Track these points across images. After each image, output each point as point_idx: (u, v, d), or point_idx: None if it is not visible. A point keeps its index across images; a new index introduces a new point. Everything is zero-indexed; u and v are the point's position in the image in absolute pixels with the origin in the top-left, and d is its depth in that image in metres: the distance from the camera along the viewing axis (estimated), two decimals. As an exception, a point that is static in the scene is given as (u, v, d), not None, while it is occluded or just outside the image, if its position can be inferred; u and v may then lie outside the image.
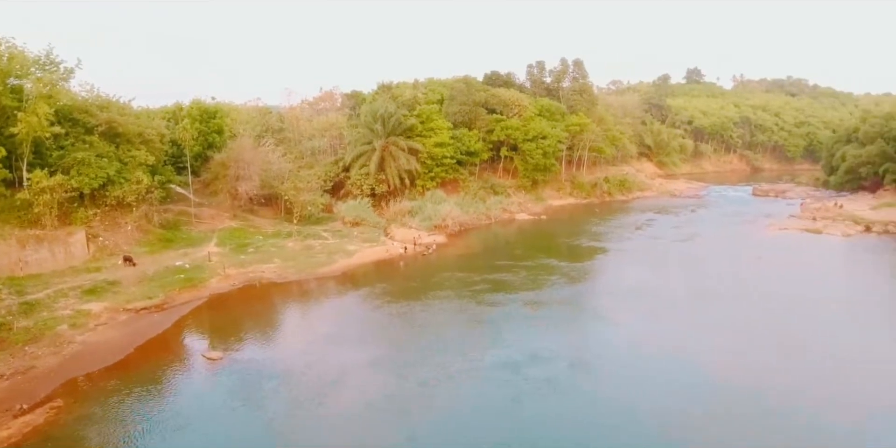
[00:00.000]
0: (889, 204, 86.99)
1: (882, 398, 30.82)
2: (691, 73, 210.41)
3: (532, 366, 34.29)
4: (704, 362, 34.86)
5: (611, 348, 37.38)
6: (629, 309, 44.86)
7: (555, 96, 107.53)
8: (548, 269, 55.13)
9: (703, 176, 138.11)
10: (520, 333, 39.57)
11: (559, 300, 47.05)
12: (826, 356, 36.13)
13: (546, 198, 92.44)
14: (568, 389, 31.55)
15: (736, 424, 27.69)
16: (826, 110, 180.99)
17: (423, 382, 32.07)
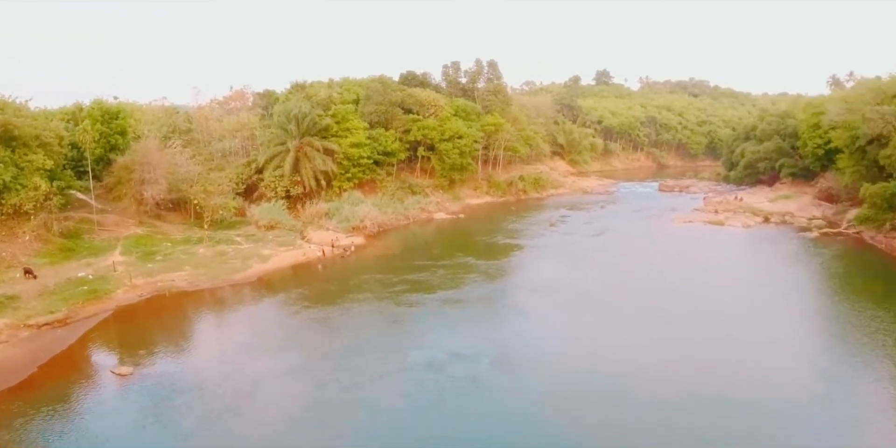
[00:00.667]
0: (785, 196, 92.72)
1: (765, 377, 33.04)
2: (601, 75, 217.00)
3: (455, 365, 34.56)
4: (618, 352, 36.15)
5: (530, 343, 38.09)
6: (546, 303, 46.23)
7: (470, 96, 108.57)
8: (466, 268, 55.73)
9: (613, 173, 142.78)
10: (441, 333, 39.88)
11: (478, 298, 47.64)
12: (732, 341, 38.27)
13: (463, 197, 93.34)
14: (491, 387, 31.96)
15: (647, 414, 28.72)
16: (726, 110, 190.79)
17: (344, 388, 31.71)
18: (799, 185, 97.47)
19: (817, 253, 62.69)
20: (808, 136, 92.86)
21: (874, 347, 37.44)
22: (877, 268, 58.49)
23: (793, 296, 50.10)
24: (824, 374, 33.90)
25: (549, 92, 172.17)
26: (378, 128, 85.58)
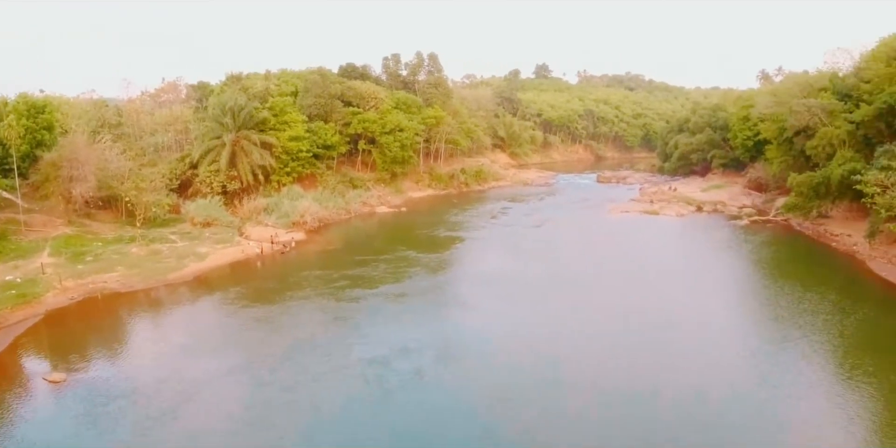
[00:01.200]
0: (717, 186, 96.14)
1: (702, 358, 34.71)
2: (540, 69, 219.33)
3: (399, 359, 34.42)
4: (559, 341, 36.86)
5: (474, 335, 38.32)
6: (489, 295, 46.60)
7: (411, 89, 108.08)
8: (409, 261, 55.61)
9: (553, 165, 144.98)
10: (384, 328, 39.64)
11: (421, 291, 47.63)
12: (671, 325, 39.80)
13: (405, 190, 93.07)
14: (436, 381, 32.01)
15: (589, 401, 29.27)
16: (660, 103, 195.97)
17: (286, 388, 31.12)
18: (730, 175, 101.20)
19: (748, 240, 65.39)
20: (738, 129, 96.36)
21: (801, 326, 39.66)
22: (803, 253, 61.54)
23: (726, 281, 52.46)
24: (756, 353, 35.68)
25: (489, 85, 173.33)
26: (317, 121, 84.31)
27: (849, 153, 62.67)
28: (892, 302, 45.14)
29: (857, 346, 36.86)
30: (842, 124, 65.18)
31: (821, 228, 66.15)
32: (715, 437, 26.58)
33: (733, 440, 26.37)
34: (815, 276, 52.75)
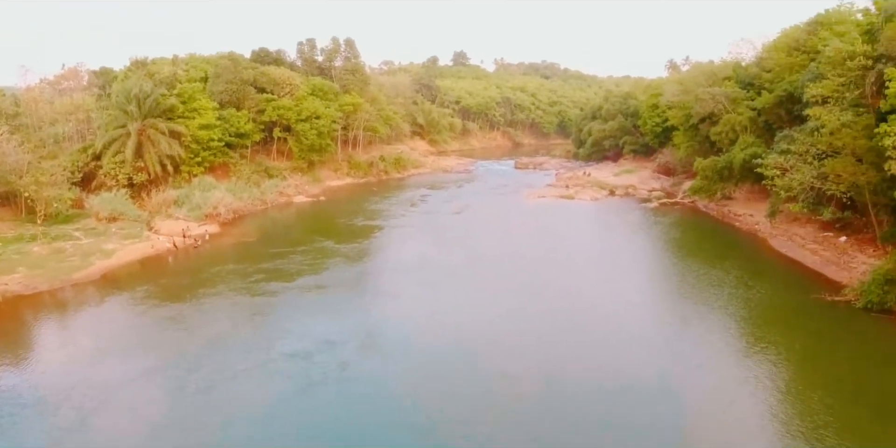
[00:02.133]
0: (628, 171, 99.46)
1: (620, 333, 36.46)
2: (458, 56, 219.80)
3: (322, 352, 33.91)
4: (480, 325, 37.27)
5: (397, 324, 38.23)
6: (410, 283, 46.56)
7: (327, 75, 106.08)
8: (328, 252, 54.85)
9: (472, 152, 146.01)
10: (305, 321, 38.96)
11: (342, 282, 47.09)
12: (589, 304, 41.83)
13: (324, 179, 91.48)
14: (361, 372, 31.61)
15: (512, 385, 29.60)
16: (575, 91, 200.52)
17: (205, 388, 30.08)
18: (640, 160, 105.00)
19: (657, 221, 68.43)
20: (647, 116, 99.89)
21: (708, 301, 42.35)
22: (709, 232, 65.01)
23: (639, 261, 54.87)
24: (668, 328, 38.03)
25: (407, 72, 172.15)
26: (229, 108, 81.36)
27: (750, 138, 65.86)
28: (791, 276, 48.21)
29: (761, 317, 39.49)
30: (744, 111, 68.42)
31: (725, 209, 69.73)
32: (631, 405, 28.05)
33: (650, 407, 27.91)
34: (721, 253, 55.96)
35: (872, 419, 26.87)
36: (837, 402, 28.20)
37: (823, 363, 33.30)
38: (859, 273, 43.28)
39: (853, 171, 44.77)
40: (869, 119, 44.77)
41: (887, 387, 29.55)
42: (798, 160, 51.15)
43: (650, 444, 25.30)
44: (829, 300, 40.47)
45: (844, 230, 51.73)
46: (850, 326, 37.12)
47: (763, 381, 30.35)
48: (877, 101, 44.41)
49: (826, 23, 63.20)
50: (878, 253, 45.80)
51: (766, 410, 27.72)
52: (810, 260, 49.97)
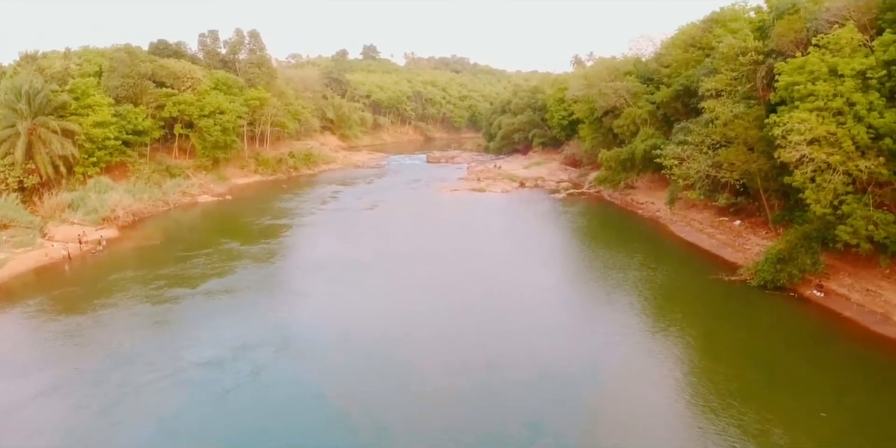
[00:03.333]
0: (537, 163, 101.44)
1: (533, 316, 37.55)
2: (368, 50, 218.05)
3: (235, 360, 32.25)
4: (397, 322, 36.76)
5: (313, 325, 37.23)
6: (323, 281, 45.48)
7: (231, 69, 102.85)
8: (236, 253, 52.91)
9: (384, 147, 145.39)
10: (214, 327, 37.08)
11: (252, 284, 45.28)
12: (504, 293, 42.41)
13: (230, 177, 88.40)
14: (278, 379, 30.35)
15: (431, 380, 29.40)
16: (485, 85, 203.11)
17: (109, 405, 27.86)
18: (549, 152, 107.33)
19: (566, 211, 70.44)
20: (554, 109, 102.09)
21: (615, 283, 44.40)
22: (615, 220, 67.47)
23: (549, 249, 56.38)
24: (578, 310, 40.18)
25: (316, 65, 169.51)
26: (126, 104, 77.32)
27: (650, 130, 68.43)
28: (690, 258, 50.81)
29: (664, 298, 41.66)
30: (644, 105, 71.02)
31: (628, 198, 72.41)
32: (549, 387, 28.93)
33: (567, 380, 29.59)
34: (625, 240, 58.41)
35: (769, 386, 28.97)
36: (738, 372, 30.37)
37: (724, 338, 35.44)
38: (753, 254, 45.90)
39: (745, 160, 47.28)
40: (759, 111, 47.39)
41: (781, 357, 32.11)
42: (694, 150, 53.80)
43: (566, 419, 26.26)
44: (727, 280, 42.96)
45: (739, 214, 54.58)
46: (746, 304, 39.48)
47: (669, 355, 32.25)
48: (767, 93, 47.02)
49: (720, 20, 66.39)
50: (770, 235, 48.58)
51: (675, 382, 29.43)
52: (708, 243, 52.71)
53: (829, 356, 32.47)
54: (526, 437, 25.10)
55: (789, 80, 40.87)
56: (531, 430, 25.52)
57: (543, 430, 25.52)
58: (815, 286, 39.50)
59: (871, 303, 36.58)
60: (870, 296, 37.14)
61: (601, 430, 25.81)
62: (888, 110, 36.55)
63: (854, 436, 24.93)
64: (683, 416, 26.68)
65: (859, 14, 41.37)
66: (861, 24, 40.91)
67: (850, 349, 32.98)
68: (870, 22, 41.23)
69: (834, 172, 37.56)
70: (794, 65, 41.14)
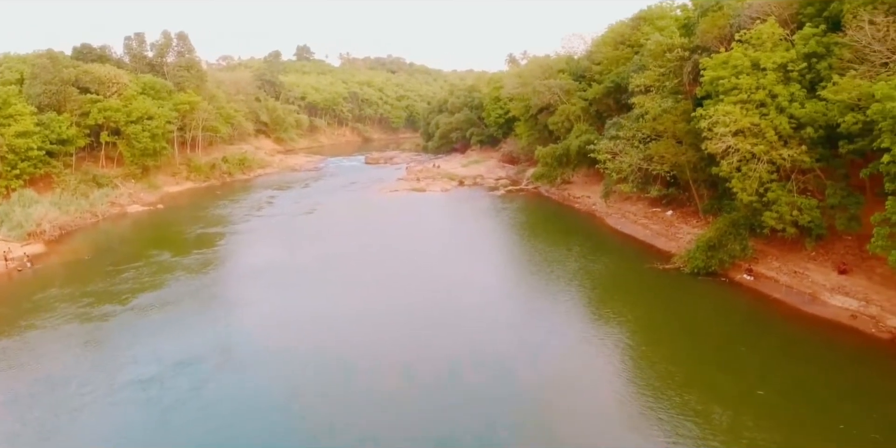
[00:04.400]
0: (476, 161, 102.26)
1: (476, 309, 38.59)
2: (301, 51, 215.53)
3: (174, 376, 30.85)
4: (340, 327, 36.49)
5: (254, 335, 36.21)
6: (262, 289, 44.26)
7: (159, 72, 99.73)
8: (170, 265, 50.84)
9: (321, 149, 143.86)
10: (150, 343, 35.22)
11: (187, 296, 43.58)
12: (448, 289, 42.90)
13: (161, 185, 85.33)
14: (222, 394, 29.14)
15: (377, 381, 29.20)
16: (421, 85, 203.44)
17: (43, 434, 26.19)
18: (486, 150, 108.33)
19: (505, 207, 71.32)
20: (491, 108, 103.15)
21: (555, 275, 45.52)
22: (553, 214, 68.76)
23: (490, 245, 57.30)
24: (521, 301, 41.09)
25: (248, 67, 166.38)
26: (49, 112, 73.89)
27: (584, 126, 69.87)
28: (626, 249, 52.38)
29: (603, 287, 43.26)
30: (577, 102, 72.46)
31: (565, 193, 73.86)
32: (497, 377, 29.56)
33: (514, 373, 30.34)
34: (564, 233, 59.70)
35: (707, 367, 30.57)
36: (677, 355, 31.97)
37: (662, 323, 36.71)
38: (685, 242, 47.50)
39: (675, 152, 48.81)
40: (687, 105, 48.94)
41: (716, 339, 33.93)
42: (626, 144, 55.24)
43: (511, 408, 26.85)
44: (662, 268, 44.52)
45: (670, 205, 56.36)
46: (681, 290, 41.11)
47: (611, 342, 33.39)
48: (693, 88, 48.59)
49: (648, 18, 68.48)
50: (700, 223, 50.32)
51: (618, 368, 30.50)
52: (642, 233, 54.40)
53: (762, 336, 33.91)
54: (480, 432, 25.24)
55: (714, 75, 42.39)
56: (484, 425, 25.70)
57: (497, 423, 25.80)
58: (745, 270, 41.17)
59: (799, 284, 38.32)
60: (797, 277, 38.89)
61: (551, 418, 26.23)
62: (808, 101, 38.37)
63: (790, 411, 26.06)
64: (628, 401, 27.41)
65: (780, 9, 43.34)
66: (782, 19, 42.83)
67: (781, 329, 34.56)
68: (790, 17, 43.23)
69: (758, 162, 39.16)
70: (718, 60, 42.70)
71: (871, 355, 30.89)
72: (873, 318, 33.57)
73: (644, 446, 24.11)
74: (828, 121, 36.65)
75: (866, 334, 32.74)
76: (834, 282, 37.19)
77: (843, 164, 38.42)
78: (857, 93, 33.14)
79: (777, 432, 24.58)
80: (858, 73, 34.48)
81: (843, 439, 23.75)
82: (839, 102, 34.56)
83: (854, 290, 35.93)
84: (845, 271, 37.59)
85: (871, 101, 30.88)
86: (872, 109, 30.26)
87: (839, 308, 35.20)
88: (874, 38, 34.34)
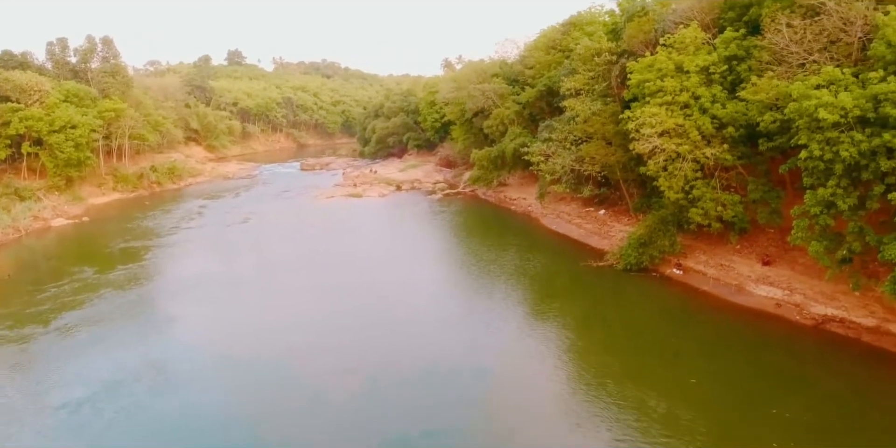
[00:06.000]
0: (413, 165, 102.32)
1: (414, 309, 38.12)
2: (233, 55, 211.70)
3: (105, 399, 29.09)
4: (278, 337, 35.69)
5: (188, 351, 34.66)
6: (194, 302, 42.69)
7: (83, 79, 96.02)
8: (96, 282, 47.58)
9: (255, 156, 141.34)
10: (77, 365, 33.19)
11: (116, 314, 40.94)
12: (388, 294, 43.08)
13: (86, 196, 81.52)
14: (156, 415, 27.70)
15: (312, 392, 28.95)
16: (357, 90, 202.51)
17: None
18: (424, 155, 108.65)
19: (443, 211, 71.86)
20: (427, 112, 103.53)
21: (493, 275, 46.44)
22: (490, 216, 69.72)
23: (429, 249, 57.82)
24: (461, 304, 41.48)
25: (177, 73, 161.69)
26: (-36, 123, 70.43)
27: (518, 129, 70.89)
28: (562, 248, 53.59)
29: (539, 285, 44.32)
30: (511, 105, 73.55)
31: (502, 195, 74.89)
32: (442, 378, 30.00)
33: (456, 365, 31.21)
34: (501, 234, 60.71)
35: (641, 358, 31.73)
36: (612, 348, 33.43)
37: (596, 318, 38.08)
38: (618, 240, 48.87)
39: (605, 153, 50.14)
40: (615, 107, 50.34)
41: (649, 331, 35.16)
42: (558, 146, 56.46)
43: (456, 408, 27.12)
44: (596, 266, 45.68)
45: (603, 204, 57.89)
46: (614, 286, 42.57)
47: (548, 337, 34.45)
48: (621, 91, 50.04)
49: (578, 23, 70.24)
50: (631, 221, 51.83)
51: (556, 363, 31.32)
52: (576, 233, 55.75)
53: (693, 327, 35.37)
54: (424, 431, 25.42)
55: (640, 78, 43.78)
56: (428, 424, 25.90)
57: (439, 422, 26.02)
58: (675, 265, 42.70)
59: (726, 276, 39.95)
60: (724, 270, 40.53)
61: (496, 416, 26.59)
62: (730, 102, 40.13)
63: (723, 397, 27.21)
64: (569, 395, 28.13)
65: (702, 14, 45.19)
66: (704, 23, 44.67)
67: (710, 319, 36.11)
68: (712, 21, 45.13)
69: (683, 160, 40.68)
70: (644, 63, 44.12)
71: (796, 341, 32.53)
72: (797, 305, 35.26)
73: (587, 440, 24.64)
74: (748, 120, 38.33)
75: (791, 321, 34.42)
76: (758, 273, 38.87)
77: (763, 161, 40.27)
78: (774, 93, 34.77)
79: (712, 418, 25.66)
80: (776, 74, 36.17)
81: (775, 423, 24.79)
82: (758, 102, 36.16)
83: (778, 280, 37.62)
84: (769, 263, 39.34)
85: (788, 101, 32.36)
86: (789, 108, 31.72)
87: (764, 297, 36.81)
88: (791, 40, 36.08)
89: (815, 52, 34.98)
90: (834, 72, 31.07)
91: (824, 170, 30.56)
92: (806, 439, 23.82)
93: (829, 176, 30.45)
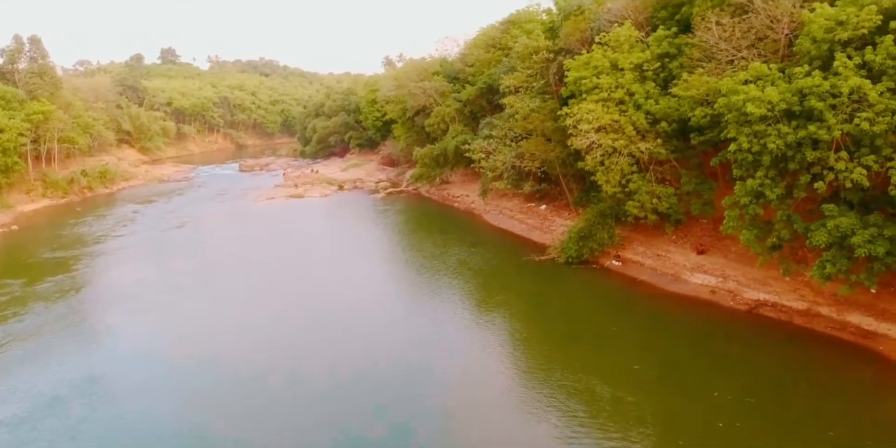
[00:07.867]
0: (355, 164, 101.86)
1: (360, 307, 39.43)
2: (166, 54, 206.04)
3: (40, 420, 27.41)
4: (218, 344, 34.73)
5: (129, 363, 33.10)
6: (131, 311, 40.79)
7: (9, 80, 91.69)
8: (23, 295, 44.61)
9: (191, 158, 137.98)
10: (12, 381, 31.18)
11: (45, 328, 38.35)
12: (332, 295, 42.82)
13: (14, 204, 77.32)
14: (97, 430, 26.57)
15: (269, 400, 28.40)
16: (296, 89, 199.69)
17: None
18: (366, 153, 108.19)
19: (386, 210, 71.90)
20: (368, 111, 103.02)
21: (437, 272, 46.80)
22: (434, 214, 70.09)
23: (373, 248, 57.75)
24: (407, 301, 41.91)
25: (107, 72, 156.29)
26: None
27: (459, 127, 71.49)
28: (504, 243, 54.43)
29: (483, 280, 44.88)
30: (452, 103, 74.04)
31: (445, 192, 75.33)
32: (386, 372, 30.41)
33: (404, 360, 31.81)
34: (445, 231, 60.88)
35: (584, 347, 32.92)
36: (556, 338, 34.29)
37: (540, 311, 39.02)
38: (559, 234, 49.92)
39: (544, 149, 51.04)
40: (553, 104, 51.34)
41: (590, 321, 36.67)
42: (499, 143, 57.23)
43: (407, 404, 27.33)
44: (538, 260, 46.61)
45: (544, 200, 58.94)
46: (557, 278, 43.43)
47: (493, 329, 35.15)
48: (559, 88, 51.06)
49: (517, 22, 71.23)
50: (572, 216, 52.99)
51: (500, 353, 32.04)
52: (518, 228, 56.71)
53: (633, 315, 36.56)
54: (380, 428, 25.55)
55: (577, 75, 44.85)
56: (383, 421, 26.04)
57: (393, 421, 26.10)
58: (614, 257, 44.07)
59: (663, 266, 41.38)
60: (660, 260, 41.96)
61: (446, 408, 26.96)
62: (663, 98, 41.53)
63: (666, 382, 28.32)
64: (516, 385, 28.66)
65: (636, 13, 46.58)
66: (638, 22, 46.07)
67: (649, 307, 37.44)
68: (645, 20, 46.54)
69: (619, 155, 41.95)
70: (580, 61, 45.22)
71: (731, 326, 34.04)
72: (731, 292, 36.84)
73: (539, 427, 25.15)
74: (680, 115, 39.69)
75: (725, 307, 35.99)
76: (694, 262, 40.38)
77: (695, 154, 41.90)
78: (705, 89, 36.13)
79: (658, 402, 26.61)
80: (706, 70, 37.55)
81: (717, 404, 25.85)
82: (689, 98, 37.53)
83: (712, 268, 39.18)
84: (703, 252, 40.92)
85: (717, 96, 33.65)
86: (719, 103, 32.99)
87: (700, 285, 38.29)
88: (721, 37, 37.49)
89: (744, 49, 36.44)
90: (761, 68, 32.44)
91: (753, 161, 31.91)
92: (749, 417, 24.80)
93: (758, 167, 31.82)
